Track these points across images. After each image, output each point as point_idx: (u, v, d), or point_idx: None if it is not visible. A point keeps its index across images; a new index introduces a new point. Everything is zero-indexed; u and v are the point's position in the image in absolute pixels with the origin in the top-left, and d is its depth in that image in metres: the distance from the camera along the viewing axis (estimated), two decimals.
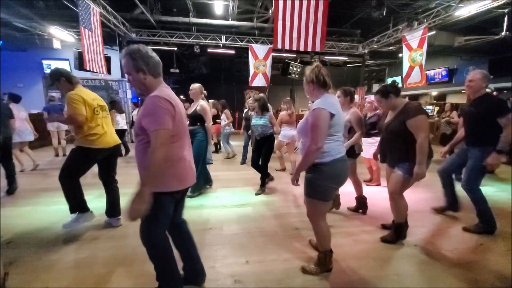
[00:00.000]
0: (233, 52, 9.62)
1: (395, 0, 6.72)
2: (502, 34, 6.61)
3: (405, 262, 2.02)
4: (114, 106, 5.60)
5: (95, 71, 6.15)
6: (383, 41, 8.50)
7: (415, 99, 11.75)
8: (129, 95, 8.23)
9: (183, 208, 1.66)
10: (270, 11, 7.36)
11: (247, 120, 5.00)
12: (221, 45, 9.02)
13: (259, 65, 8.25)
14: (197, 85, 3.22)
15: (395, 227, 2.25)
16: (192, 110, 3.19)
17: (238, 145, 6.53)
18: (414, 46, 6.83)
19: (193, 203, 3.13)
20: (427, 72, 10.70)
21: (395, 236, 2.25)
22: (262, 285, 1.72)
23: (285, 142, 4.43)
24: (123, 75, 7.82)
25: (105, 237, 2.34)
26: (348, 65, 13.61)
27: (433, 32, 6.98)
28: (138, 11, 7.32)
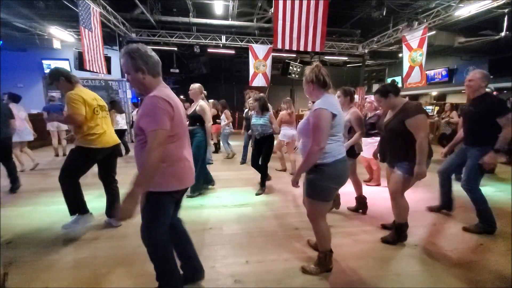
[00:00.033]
0: (233, 52, 9.63)
1: (395, 0, 6.72)
2: (502, 34, 6.62)
3: (405, 262, 2.02)
4: (114, 106, 5.60)
5: (95, 71, 6.16)
6: (383, 41, 8.50)
7: (415, 99, 11.76)
8: (129, 95, 8.22)
9: (180, 207, 1.66)
10: (270, 11, 7.35)
11: (247, 120, 5.01)
12: (221, 45, 9.02)
13: (259, 65, 8.25)
14: (197, 85, 3.22)
15: (396, 227, 2.24)
16: (191, 110, 3.19)
17: (238, 145, 6.53)
18: (414, 46, 6.83)
19: (193, 203, 3.13)
20: (427, 72, 10.70)
21: (396, 237, 2.24)
22: (262, 285, 1.72)
23: (285, 141, 4.44)
24: (123, 75, 7.76)
25: (105, 237, 2.34)
26: (348, 65, 13.62)
27: (433, 32, 6.98)
28: (138, 11, 7.32)
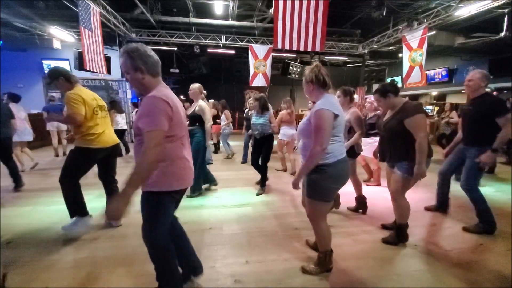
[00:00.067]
0: (233, 52, 9.62)
1: (395, 0, 6.72)
2: (502, 34, 6.61)
3: (405, 262, 2.02)
4: (114, 106, 5.60)
5: (95, 71, 6.15)
6: (383, 41, 8.49)
7: (415, 99, 11.75)
8: (129, 95, 8.22)
9: (177, 207, 1.66)
10: (270, 11, 7.35)
11: (248, 120, 5.01)
12: (221, 45, 9.01)
13: (259, 65, 8.25)
14: (197, 85, 3.22)
15: (397, 228, 2.24)
16: (191, 110, 3.19)
17: (237, 145, 6.53)
18: (414, 46, 6.83)
19: (193, 203, 3.13)
20: (427, 72, 10.69)
21: (397, 237, 2.23)
22: (262, 285, 1.72)
23: (285, 141, 4.45)
24: (123, 75, 7.79)
25: (105, 237, 2.34)
26: (348, 65, 13.61)
27: (433, 32, 6.97)
28: (138, 11, 7.32)
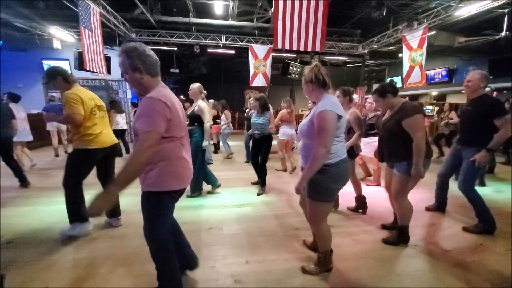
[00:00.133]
0: (233, 52, 9.61)
1: (395, 0, 6.72)
2: (502, 34, 6.61)
3: (405, 262, 2.02)
4: (114, 106, 5.60)
5: (95, 71, 6.15)
6: (383, 41, 8.49)
7: (415, 99, 11.74)
8: (129, 95, 8.23)
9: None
10: (270, 11, 7.35)
11: (248, 120, 5.02)
12: (221, 45, 9.00)
13: (259, 65, 8.24)
14: (197, 85, 3.21)
15: (399, 229, 2.24)
16: (190, 110, 3.19)
17: (237, 145, 6.53)
18: (414, 46, 6.82)
19: (193, 203, 3.13)
20: (427, 72, 10.68)
21: (398, 238, 2.23)
22: (262, 285, 1.72)
23: (285, 140, 4.47)
24: (123, 75, 7.83)
25: (105, 237, 2.34)
26: (348, 65, 13.61)
27: (433, 32, 6.97)
28: (138, 11, 7.32)
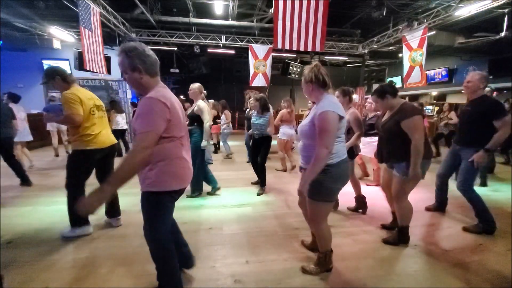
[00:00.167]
0: (233, 52, 9.61)
1: (395, 0, 6.72)
2: (502, 34, 6.61)
3: (405, 262, 2.02)
4: (114, 106, 5.60)
5: (95, 71, 6.15)
6: (383, 41, 8.49)
7: (415, 99, 11.75)
8: (129, 95, 8.23)
9: None
10: (270, 11, 7.35)
11: (249, 120, 5.02)
12: (221, 45, 9.00)
13: (259, 65, 8.24)
14: (196, 85, 3.21)
15: (399, 229, 2.24)
16: (190, 110, 3.19)
17: (237, 145, 6.53)
18: (414, 46, 6.82)
19: (193, 203, 3.14)
20: (427, 72, 10.69)
21: (398, 239, 2.23)
22: (262, 285, 1.72)
23: (284, 139, 4.48)
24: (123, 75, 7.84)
25: (105, 237, 2.34)
26: (348, 65, 13.62)
27: (433, 32, 6.97)
28: (138, 11, 7.32)
